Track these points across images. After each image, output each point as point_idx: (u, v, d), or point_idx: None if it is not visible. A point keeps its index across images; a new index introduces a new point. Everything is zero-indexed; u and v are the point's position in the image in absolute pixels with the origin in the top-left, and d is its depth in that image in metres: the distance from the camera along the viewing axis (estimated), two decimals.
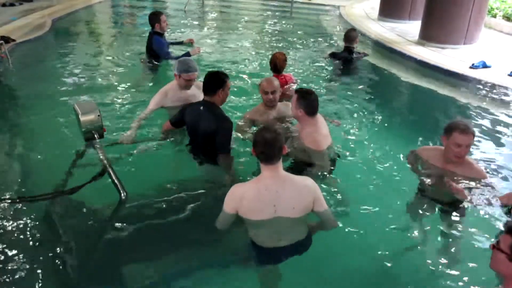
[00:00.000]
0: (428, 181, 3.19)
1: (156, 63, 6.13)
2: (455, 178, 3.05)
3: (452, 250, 2.97)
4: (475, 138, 3.57)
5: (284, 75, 4.84)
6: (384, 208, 3.31)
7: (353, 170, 3.74)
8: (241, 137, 3.83)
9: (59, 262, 2.78)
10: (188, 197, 3.30)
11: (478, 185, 3.01)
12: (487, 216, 2.93)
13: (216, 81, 3.34)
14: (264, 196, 2.40)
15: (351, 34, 6.40)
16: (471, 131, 2.90)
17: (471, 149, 3.21)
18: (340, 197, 3.29)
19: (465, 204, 2.97)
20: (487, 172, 3.61)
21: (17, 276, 2.63)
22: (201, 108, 3.35)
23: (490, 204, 2.86)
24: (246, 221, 2.50)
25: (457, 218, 3.06)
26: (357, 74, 6.41)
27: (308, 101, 3.29)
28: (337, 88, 5.89)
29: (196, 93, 4.00)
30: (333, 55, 6.57)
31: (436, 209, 3.19)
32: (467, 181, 3.03)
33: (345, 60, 6.38)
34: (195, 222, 3.11)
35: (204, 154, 3.48)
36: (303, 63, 6.94)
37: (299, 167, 3.35)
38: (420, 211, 3.23)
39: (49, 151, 4.02)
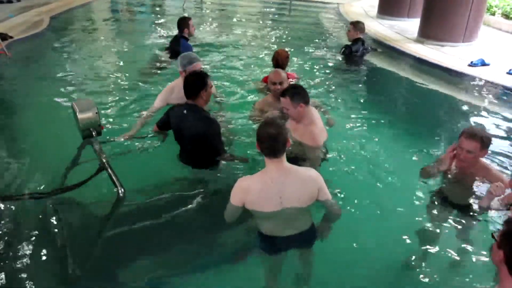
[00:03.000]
0: (448, 183, 3.18)
1: (171, 61, 6.14)
2: (474, 180, 3.02)
3: (456, 250, 2.97)
4: None
5: (287, 73, 4.81)
6: (380, 204, 3.33)
7: (350, 167, 3.74)
8: (253, 125, 4.05)
9: (57, 259, 2.78)
10: (186, 194, 3.30)
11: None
12: (488, 216, 2.94)
13: (197, 83, 3.22)
14: (270, 188, 2.43)
15: (361, 25, 6.44)
16: (477, 138, 2.86)
17: None
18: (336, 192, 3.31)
19: (476, 209, 2.95)
20: None
21: (15, 274, 2.63)
22: (185, 111, 3.24)
23: (496, 207, 2.84)
24: (253, 213, 2.53)
25: (467, 222, 3.04)
26: (363, 67, 6.42)
27: (302, 93, 3.30)
28: (337, 85, 5.88)
29: None
30: (348, 47, 6.51)
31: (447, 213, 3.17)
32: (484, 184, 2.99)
33: (355, 53, 6.41)
34: (193, 218, 3.11)
35: (193, 158, 3.40)
36: (302, 60, 6.93)
37: (293, 162, 3.35)
38: (436, 214, 3.20)
39: (47, 149, 4.01)
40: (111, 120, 4.44)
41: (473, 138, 2.86)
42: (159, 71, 6.06)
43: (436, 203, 3.18)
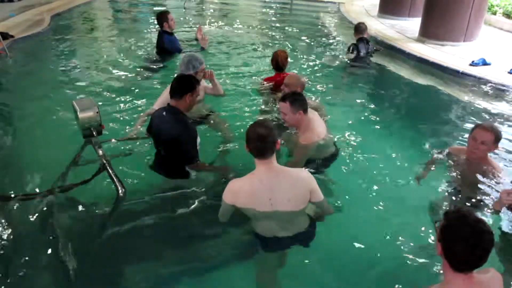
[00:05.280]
0: (456, 176, 3.26)
1: (163, 58, 6.14)
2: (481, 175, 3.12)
3: None
4: None
5: (287, 73, 4.81)
6: (381, 203, 3.32)
7: (350, 166, 3.75)
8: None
9: (56, 259, 2.77)
10: (187, 193, 3.29)
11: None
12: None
13: (186, 85, 3.16)
14: (259, 190, 2.44)
15: (361, 25, 6.52)
16: (492, 130, 3.01)
17: None
18: (335, 191, 3.33)
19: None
20: None
21: (14, 274, 2.63)
22: (164, 113, 3.16)
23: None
24: (244, 212, 2.55)
25: None
26: (369, 66, 6.42)
27: (302, 100, 3.29)
28: (337, 84, 5.89)
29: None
30: (354, 46, 6.50)
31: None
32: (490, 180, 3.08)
33: (359, 52, 6.43)
34: (194, 218, 3.11)
35: (166, 165, 3.30)
36: (303, 60, 6.92)
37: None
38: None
39: (47, 148, 4.01)
40: (111, 119, 4.44)
41: (489, 130, 3.02)
42: (156, 70, 6.06)
43: (444, 198, 3.21)
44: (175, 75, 3.61)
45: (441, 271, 2.69)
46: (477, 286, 1.82)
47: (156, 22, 6.47)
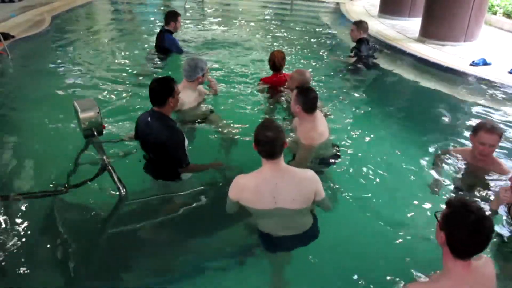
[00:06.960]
0: (461, 177, 3.29)
1: (163, 58, 6.16)
2: (485, 177, 3.15)
3: None
4: None
5: (284, 73, 4.82)
6: (381, 202, 3.34)
7: (351, 166, 3.75)
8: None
9: (58, 259, 2.78)
10: (188, 193, 3.30)
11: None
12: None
13: (165, 89, 3.07)
14: (263, 188, 2.47)
15: (365, 24, 6.25)
16: (497, 131, 3.00)
17: None
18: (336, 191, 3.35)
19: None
20: None
21: (15, 273, 2.64)
22: (149, 119, 3.12)
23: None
24: (248, 209, 2.57)
25: None
26: (369, 69, 6.37)
27: (306, 98, 3.30)
28: (337, 84, 5.89)
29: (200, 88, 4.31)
30: (357, 49, 6.27)
31: None
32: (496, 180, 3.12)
33: (365, 54, 6.34)
34: (195, 218, 3.12)
35: (157, 169, 3.29)
36: (303, 60, 6.93)
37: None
38: None
39: (48, 149, 4.02)
40: (112, 119, 4.45)
41: (495, 132, 3.01)
42: (157, 70, 6.07)
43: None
44: (171, 74, 3.62)
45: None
46: (474, 272, 1.88)
47: (157, 22, 6.48)
